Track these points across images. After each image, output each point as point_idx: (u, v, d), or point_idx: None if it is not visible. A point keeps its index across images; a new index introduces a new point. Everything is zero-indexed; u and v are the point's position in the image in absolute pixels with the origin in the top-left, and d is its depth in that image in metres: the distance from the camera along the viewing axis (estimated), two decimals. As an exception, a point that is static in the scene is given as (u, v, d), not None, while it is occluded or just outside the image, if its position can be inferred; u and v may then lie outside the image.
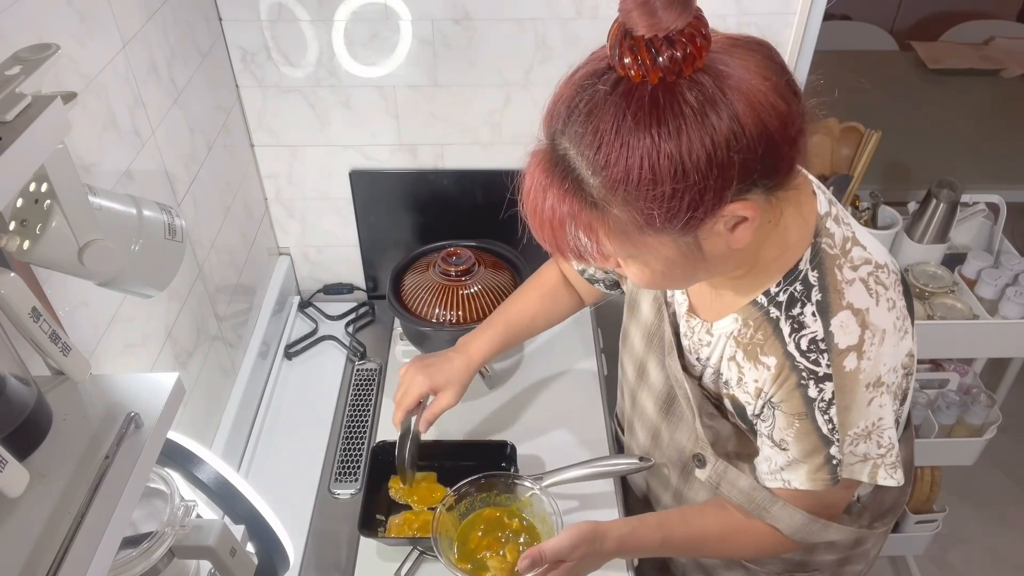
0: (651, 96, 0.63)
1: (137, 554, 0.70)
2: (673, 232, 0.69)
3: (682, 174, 0.63)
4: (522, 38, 1.38)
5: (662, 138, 0.62)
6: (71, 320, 0.85)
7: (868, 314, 0.78)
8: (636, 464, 1.14)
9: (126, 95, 0.99)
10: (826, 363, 0.79)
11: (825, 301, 0.79)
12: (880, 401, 0.81)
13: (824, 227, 0.81)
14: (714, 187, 0.65)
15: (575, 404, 1.45)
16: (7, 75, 0.56)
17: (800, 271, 0.81)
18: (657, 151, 0.63)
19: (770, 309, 0.83)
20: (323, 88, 1.43)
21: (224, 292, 1.33)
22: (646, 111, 0.63)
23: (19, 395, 0.59)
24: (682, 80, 0.63)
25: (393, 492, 1.26)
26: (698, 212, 0.66)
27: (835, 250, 0.81)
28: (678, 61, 0.62)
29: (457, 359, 1.17)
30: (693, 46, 0.62)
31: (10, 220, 0.65)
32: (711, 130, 0.63)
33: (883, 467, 0.84)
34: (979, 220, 1.88)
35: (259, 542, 0.85)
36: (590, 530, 0.97)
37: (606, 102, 0.65)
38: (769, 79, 0.65)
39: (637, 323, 1.06)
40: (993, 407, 1.95)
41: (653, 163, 0.63)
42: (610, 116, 0.64)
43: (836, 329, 0.78)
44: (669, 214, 0.66)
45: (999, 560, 2.17)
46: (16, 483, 0.54)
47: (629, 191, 0.65)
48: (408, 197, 1.59)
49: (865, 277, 0.80)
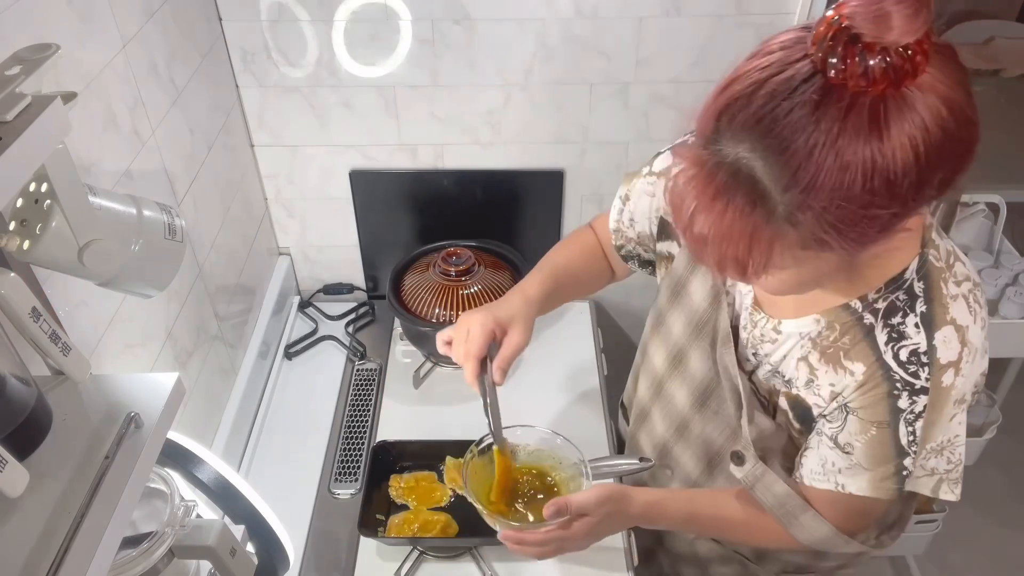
0: (871, 107, 0.58)
1: (137, 554, 0.70)
2: (849, 249, 0.65)
3: (895, 193, 0.60)
4: (522, 38, 1.38)
5: (882, 154, 0.58)
6: (71, 320, 0.85)
7: (968, 332, 0.78)
8: (636, 464, 1.14)
9: (126, 95, 0.99)
10: (926, 376, 0.78)
11: (930, 313, 0.78)
12: (960, 418, 0.81)
13: (930, 238, 0.79)
14: (913, 205, 0.62)
15: (575, 404, 1.45)
16: (7, 75, 0.56)
17: (906, 280, 0.79)
18: (875, 168, 0.59)
19: (864, 315, 0.81)
20: (323, 88, 1.43)
21: (224, 292, 1.33)
22: (866, 124, 0.58)
23: (19, 395, 0.59)
24: (899, 93, 0.59)
25: (393, 492, 1.26)
26: (888, 230, 0.64)
27: (941, 263, 0.79)
28: (907, 72, 0.57)
29: (514, 298, 1.05)
30: (923, 57, 0.58)
31: (10, 220, 0.65)
32: (927, 145, 0.59)
33: (947, 482, 0.84)
34: (979, 220, 1.88)
35: (259, 542, 0.85)
36: (617, 491, 0.98)
37: (815, 112, 0.59)
38: (964, 85, 0.62)
39: (682, 309, 1.01)
40: (993, 407, 1.95)
41: (870, 181, 0.59)
42: (824, 127, 0.59)
43: (940, 344, 0.77)
44: (865, 231, 0.63)
45: (999, 560, 2.17)
46: (16, 483, 0.54)
47: (835, 210, 0.61)
48: (408, 197, 1.59)
49: (966, 294, 0.79)
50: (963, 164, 0.64)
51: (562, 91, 1.45)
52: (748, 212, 0.63)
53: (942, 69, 0.61)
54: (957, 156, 0.62)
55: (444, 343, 1.03)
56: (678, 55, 1.40)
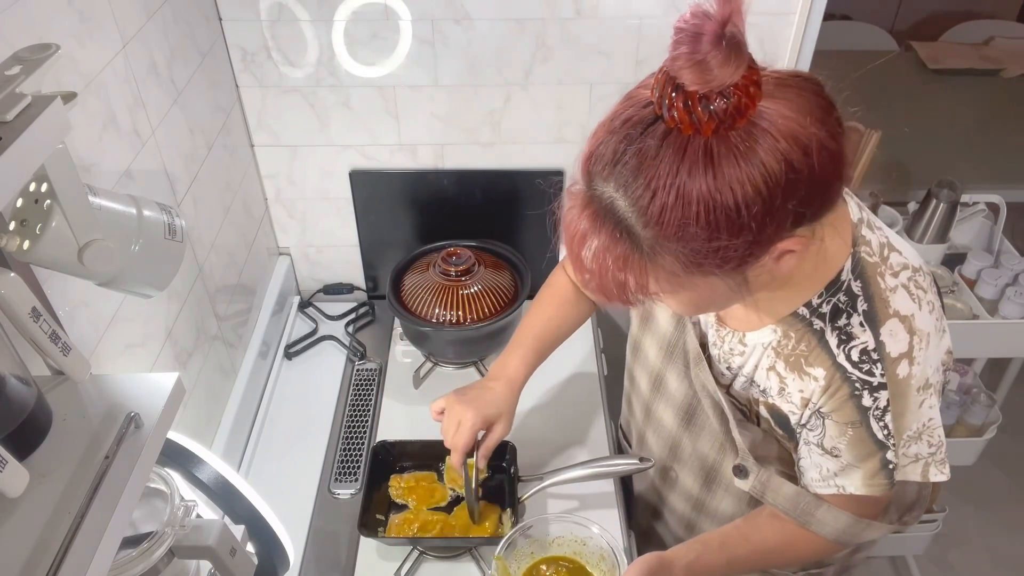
0: (704, 148, 0.62)
1: (137, 554, 0.70)
2: (721, 272, 0.69)
3: (738, 226, 0.63)
4: (522, 38, 1.38)
5: (719, 190, 0.62)
6: (71, 320, 0.85)
7: (914, 320, 0.79)
8: (636, 464, 1.14)
9: (126, 95, 0.99)
10: (880, 372, 0.79)
11: (872, 311, 0.79)
12: (929, 402, 0.83)
13: (860, 235, 0.81)
14: (769, 233, 0.66)
15: (575, 404, 1.45)
16: (7, 75, 0.56)
17: (842, 282, 0.80)
18: (714, 203, 0.62)
19: (813, 320, 0.82)
20: (323, 88, 1.43)
21: (224, 292, 1.33)
22: (700, 163, 0.62)
23: (19, 395, 0.59)
24: (734, 130, 0.62)
25: (393, 492, 1.26)
26: (751, 257, 0.67)
27: (874, 258, 0.81)
28: (732, 113, 0.61)
29: (499, 387, 1.13)
30: (747, 96, 0.61)
31: (10, 220, 0.65)
32: (766, 179, 0.62)
33: (933, 464, 0.86)
34: (979, 220, 1.88)
35: (259, 542, 0.85)
36: (656, 561, 0.95)
37: (657, 155, 0.63)
38: (821, 119, 0.64)
39: (652, 335, 1.05)
40: (993, 407, 1.95)
41: (710, 216, 0.63)
42: (663, 169, 0.63)
43: (887, 338, 0.79)
44: (722, 262, 0.66)
45: (999, 560, 2.17)
46: (16, 483, 0.54)
47: (684, 243, 0.65)
48: (408, 197, 1.59)
49: (906, 283, 0.80)
50: (821, 192, 0.66)
51: (562, 91, 1.45)
52: (616, 244, 0.68)
53: (791, 104, 0.64)
54: (812, 186, 0.64)
55: (437, 412, 1.14)
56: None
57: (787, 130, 0.62)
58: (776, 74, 0.66)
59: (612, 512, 1.25)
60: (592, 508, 1.26)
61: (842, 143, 0.66)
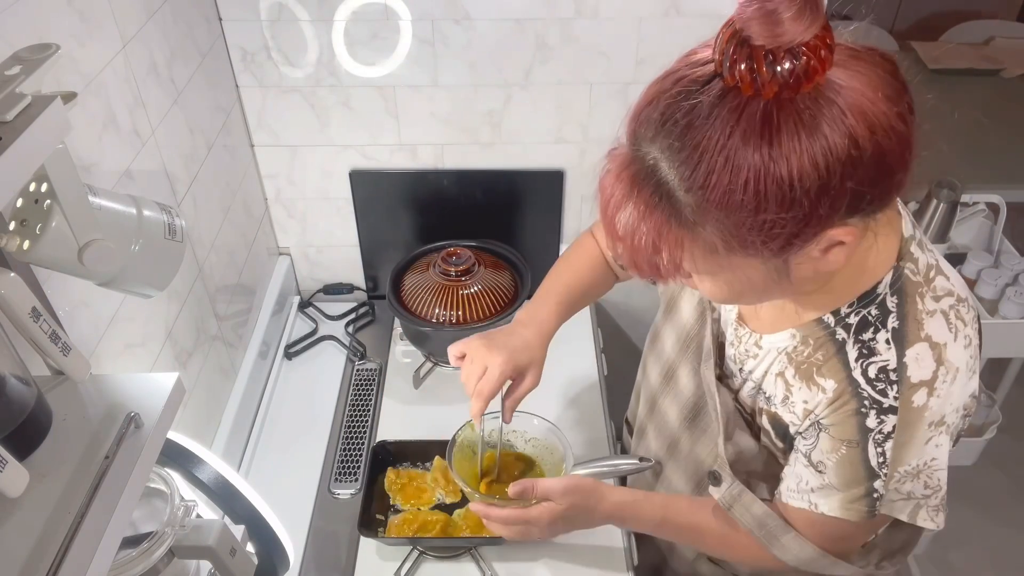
0: (764, 112, 0.57)
1: (137, 554, 0.70)
2: (765, 255, 0.65)
3: (790, 200, 0.59)
4: (522, 38, 1.38)
5: (772, 159, 0.57)
6: (71, 320, 0.85)
7: (945, 349, 0.73)
8: (636, 464, 1.14)
9: (126, 95, 0.99)
10: (894, 395, 0.74)
11: (902, 330, 0.74)
12: (938, 441, 0.76)
13: (908, 251, 0.76)
14: (821, 215, 0.61)
15: (575, 404, 1.45)
16: (7, 75, 0.56)
17: (878, 295, 0.75)
18: (765, 173, 0.58)
19: (837, 330, 0.78)
20: (323, 88, 1.43)
21: (224, 292, 1.33)
22: (757, 128, 0.57)
23: (19, 395, 0.59)
24: (799, 96, 0.57)
25: (387, 484, 1.26)
26: (798, 239, 0.62)
27: (918, 277, 0.75)
28: (799, 76, 0.56)
29: (529, 333, 1.04)
30: (817, 59, 0.56)
31: (10, 220, 0.65)
32: (826, 154, 0.58)
33: (925, 508, 0.79)
34: (979, 220, 1.88)
35: (259, 542, 0.85)
36: (588, 484, 0.97)
37: (711, 115, 0.59)
38: (891, 98, 0.60)
39: (673, 325, 1.01)
40: (993, 407, 1.95)
41: (759, 186, 0.58)
42: (715, 131, 0.58)
43: (911, 361, 0.74)
44: (768, 239, 0.62)
45: (999, 560, 2.17)
46: (16, 483, 0.54)
47: (728, 213, 0.61)
48: (408, 197, 1.59)
49: (947, 310, 0.75)
50: (884, 178, 0.61)
51: (562, 91, 1.45)
52: (653, 209, 0.64)
53: (863, 77, 0.60)
54: (875, 169, 0.60)
55: (456, 357, 1.04)
56: (678, 55, 1.40)
57: (856, 104, 0.58)
58: (851, 45, 0.62)
59: (612, 512, 1.25)
60: (592, 508, 1.26)
61: (911, 129, 0.61)
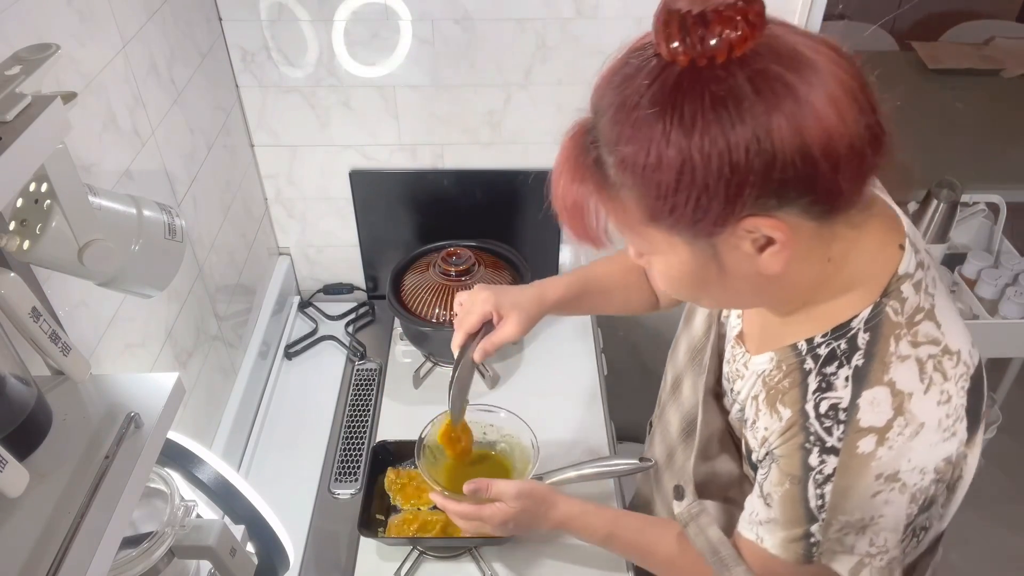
0: (676, 79, 0.57)
1: (137, 554, 0.70)
2: (683, 233, 0.64)
3: (690, 170, 0.58)
4: (522, 38, 1.38)
5: (673, 126, 0.57)
6: (71, 320, 0.85)
7: (909, 400, 0.67)
8: (636, 464, 1.14)
9: (126, 95, 0.99)
10: (838, 435, 0.70)
11: (865, 369, 0.69)
12: (889, 498, 0.69)
13: (897, 289, 0.70)
14: (725, 193, 0.58)
15: (575, 404, 1.45)
16: (7, 75, 0.56)
17: (852, 329, 0.71)
18: (666, 139, 0.57)
19: (807, 359, 0.74)
20: (323, 88, 1.43)
21: (224, 292, 1.33)
22: (666, 94, 0.57)
23: (19, 395, 0.59)
24: (715, 68, 0.56)
25: (387, 483, 1.26)
26: (707, 215, 0.60)
27: (899, 317, 0.69)
28: (709, 45, 0.55)
29: (528, 290, 1.05)
30: (731, 29, 0.54)
31: (10, 220, 0.65)
32: (728, 129, 0.56)
33: (870, 568, 0.72)
34: (979, 220, 1.88)
35: (259, 542, 0.84)
36: (541, 491, 1.00)
37: (634, 78, 0.59)
38: (837, 98, 0.57)
39: (687, 335, 0.99)
40: (993, 407, 1.96)
41: (661, 151, 0.58)
42: (634, 93, 0.59)
43: (865, 404, 0.69)
44: (673, 211, 0.61)
45: (999, 560, 2.17)
46: (16, 483, 0.54)
47: (635, 176, 0.60)
48: (408, 197, 1.59)
49: (923, 358, 0.68)
50: (819, 178, 0.58)
51: (562, 91, 1.45)
52: (584, 170, 0.65)
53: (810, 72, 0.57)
54: (801, 165, 0.57)
55: (459, 303, 1.06)
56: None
57: (777, 85, 0.56)
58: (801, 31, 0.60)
59: (612, 512, 1.25)
60: (592, 508, 1.26)
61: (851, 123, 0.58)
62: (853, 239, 0.68)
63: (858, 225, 0.66)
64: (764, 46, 0.57)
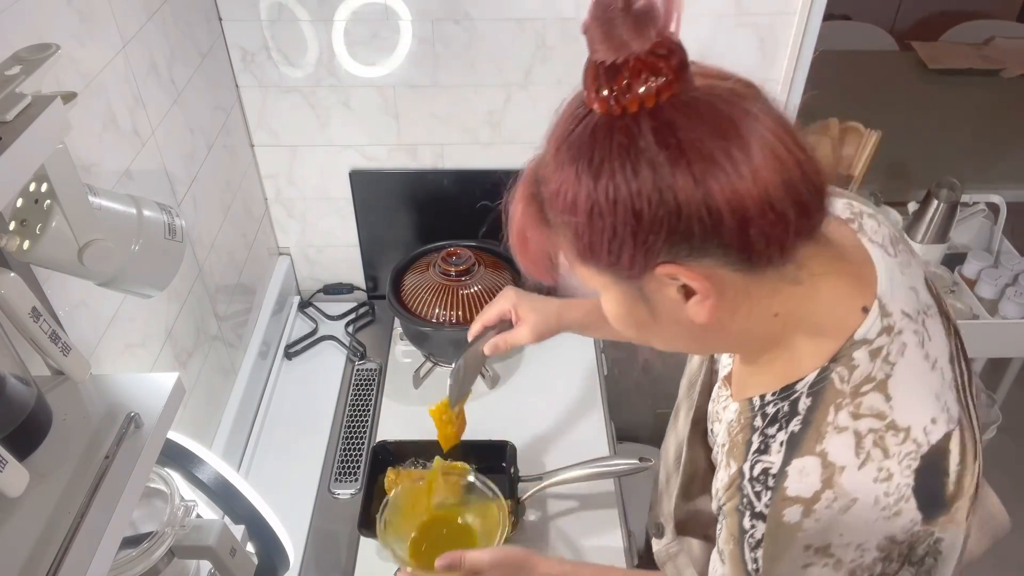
0: (592, 127, 0.58)
1: (137, 554, 0.70)
2: (608, 275, 0.64)
3: (598, 214, 0.58)
4: (522, 38, 1.38)
5: (584, 172, 0.58)
6: (71, 320, 0.85)
7: (840, 473, 0.64)
8: (636, 464, 1.14)
9: (126, 95, 0.99)
10: (765, 501, 0.67)
11: (799, 437, 0.67)
12: (820, 572, 0.66)
13: (849, 355, 0.66)
14: (633, 240, 0.59)
15: (575, 404, 1.45)
16: (7, 75, 0.56)
17: (796, 392, 0.69)
18: (579, 183, 0.58)
19: (757, 416, 0.72)
20: (323, 88, 1.43)
21: (224, 292, 1.33)
22: (584, 140, 0.58)
23: (19, 395, 0.59)
24: (626, 119, 0.57)
25: (386, 484, 1.26)
26: (620, 260, 0.61)
27: (844, 386, 0.66)
28: (624, 96, 0.56)
29: (552, 303, 1.08)
30: (644, 81, 0.55)
31: (10, 220, 0.66)
32: (631, 179, 0.56)
33: None
34: (979, 220, 1.88)
35: (259, 542, 0.85)
36: (519, 556, 0.94)
37: (567, 122, 0.61)
38: (742, 143, 0.56)
39: (688, 365, 0.99)
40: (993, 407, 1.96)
41: (576, 194, 0.59)
42: (563, 136, 0.61)
43: (793, 472, 0.66)
44: (592, 252, 0.61)
45: (999, 560, 2.17)
46: (16, 483, 0.54)
47: (558, 215, 0.62)
48: (408, 197, 1.59)
49: (863, 431, 0.65)
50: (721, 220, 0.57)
51: (562, 91, 1.44)
52: (527, 204, 0.66)
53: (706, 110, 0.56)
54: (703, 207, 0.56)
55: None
56: (678, 55, 1.40)
57: (685, 141, 0.56)
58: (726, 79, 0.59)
59: (612, 512, 1.25)
60: (592, 508, 1.26)
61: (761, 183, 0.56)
62: (800, 296, 0.66)
63: (802, 282, 0.64)
64: (682, 98, 0.57)
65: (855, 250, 0.71)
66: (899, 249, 0.74)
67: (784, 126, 0.59)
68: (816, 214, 0.60)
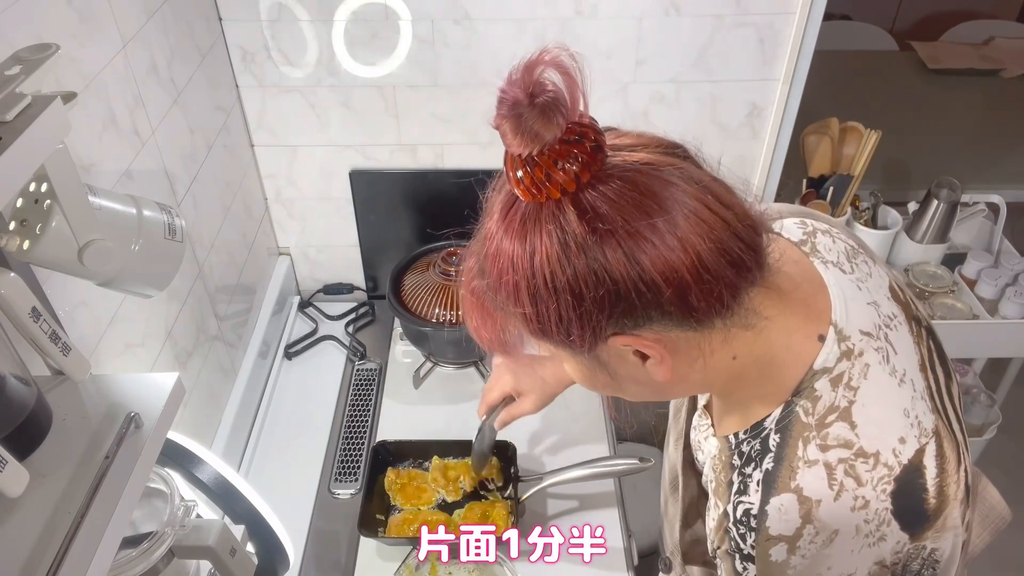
0: (521, 215, 0.59)
1: (137, 554, 0.70)
2: (563, 350, 0.64)
3: (543, 300, 0.59)
4: (522, 38, 1.38)
5: (519, 260, 0.59)
6: (71, 320, 0.85)
7: (817, 507, 0.64)
8: (636, 464, 1.14)
9: (126, 95, 0.99)
10: (751, 543, 0.67)
11: (773, 475, 0.66)
12: None
13: (811, 386, 0.66)
14: (579, 320, 0.59)
15: (575, 404, 1.45)
16: (7, 75, 0.56)
17: (765, 429, 0.68)
18: (515, 271, 0.59)
19: (735, 455, 0.72)
20: (323, 88, 1.43)
21: (224, 292, 1.33)
22: (515, 229, 0.59)
23: (19, 395, 0.59)
24: (551, 206, 0.57)
25: (387, 484, 1.26)
26: (570, 338, 0.61)
27: (810, 418, 0.66)
28: (544, 185, 0.56)
29: (547, 366, 1.15)
30: (561, 169, 0.56)
31: (10, 220, 0.65)
32: (566, 264, 0.57)
33: None
34: (979, 220, 1.88)
35: (259, 542, 0.85)
36: None
37: (493, 207, 0.63)
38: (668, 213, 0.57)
39: None
40: (993, 407, 1.96)
41: (517, 282, 0.60)
42: (493, 223, 0.62)
43: (772, 511, 0.66)
44: (543, 333, 0.62)
45: (999, 560, 2.17)
46: (16, 483, 0.54)
47: (500, 297, 0.62)
48: (408, 197, 1.59)
49: (833, 463, 0.64)
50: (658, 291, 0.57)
51: (562, 91, 1.45)
52: (472, 296, 0.68)
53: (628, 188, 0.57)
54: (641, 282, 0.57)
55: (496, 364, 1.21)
56: (678, 55, 1.40)
57: (611, 225, 0.56)
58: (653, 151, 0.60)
59: (612, 512, 1.25)
60: (592, 508, 1.26)
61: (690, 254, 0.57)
62: (752, 338, 0.66)
63: (753, 326, 0.64)
64: (601, 178, 0.57)
65: (807, 277, 0.70)
66: (856, 263, 0.74)
67: (707, 188, 0.59)
68: (754, 266, 0.61)
